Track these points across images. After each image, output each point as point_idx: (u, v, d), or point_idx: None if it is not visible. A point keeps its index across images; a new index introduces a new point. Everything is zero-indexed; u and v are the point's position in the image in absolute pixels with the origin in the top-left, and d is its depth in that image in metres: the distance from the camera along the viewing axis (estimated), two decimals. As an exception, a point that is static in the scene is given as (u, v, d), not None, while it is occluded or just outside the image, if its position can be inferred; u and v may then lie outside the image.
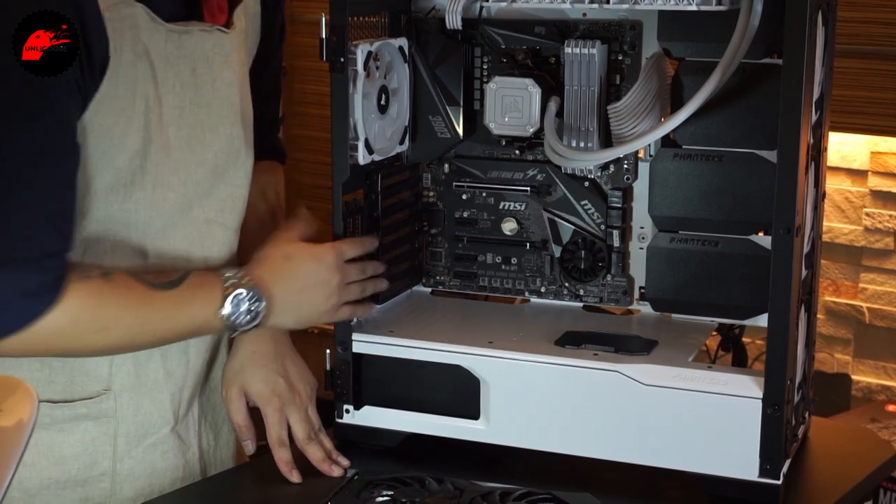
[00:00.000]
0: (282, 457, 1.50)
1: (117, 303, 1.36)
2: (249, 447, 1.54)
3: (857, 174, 2.92)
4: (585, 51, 1.53)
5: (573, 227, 1.62)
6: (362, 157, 1.53)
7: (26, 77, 1.26)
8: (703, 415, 1.42)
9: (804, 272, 1.48)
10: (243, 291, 1.41)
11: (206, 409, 1.60)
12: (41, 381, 1.45)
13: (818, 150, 1.52)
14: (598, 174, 1.61)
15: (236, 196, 1.51)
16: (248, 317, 1.41)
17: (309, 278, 1.47)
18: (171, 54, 1.39)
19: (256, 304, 1.42)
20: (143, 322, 1.38)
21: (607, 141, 1.55)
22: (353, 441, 1.57)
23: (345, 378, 1.56)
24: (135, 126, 1.37)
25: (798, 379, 1.48)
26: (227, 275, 1.42)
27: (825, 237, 2.82)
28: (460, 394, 1.53)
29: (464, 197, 1.67)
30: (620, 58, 1.57)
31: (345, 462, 1.52)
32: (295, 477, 1.48)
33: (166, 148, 1.41)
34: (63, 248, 1.32)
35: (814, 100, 1.44)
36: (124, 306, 1.36)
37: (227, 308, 1.40)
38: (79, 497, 1.48)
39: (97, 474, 1.49)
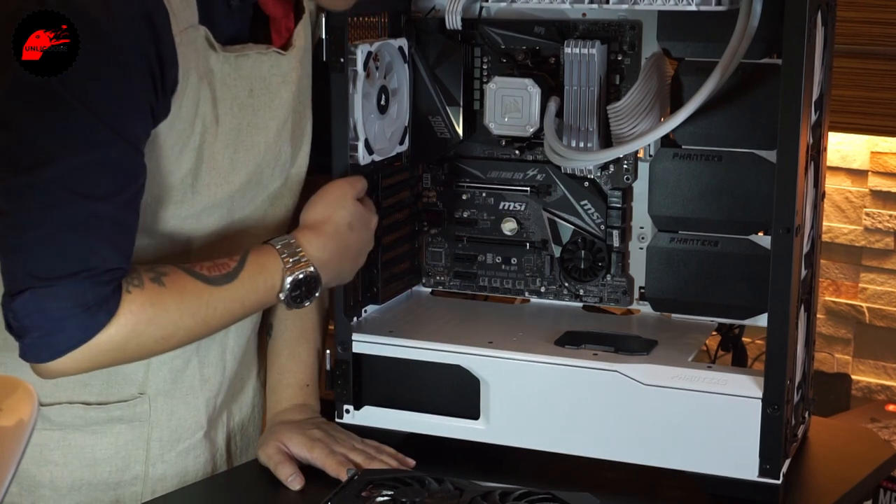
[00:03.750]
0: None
1: (174, 307, 1.32)
2: (296, 484, 1.48)
3: (857, 174, 2.92)
4: (585, 51, 1.53)
5: (573, 227, 1.62)
6: (362, 158, 1.53)
7: (102, 98, 1.25)
8: (702, 415, 1.42)
9: (804, 272, 1.48)
10: (302, 274, 1.40)
11: (233, 410, 1.60)
12: (77, 383, 1.44)
13: (818, 150, 1.52)
14: (598, 174, 1.61)
15: (279, 205, 1.51)
16: (306, 297, 1.41)
17: (361, 246, 1.48)
18: (228, 76, 1.39)
19: (315, 284, 1.41)
20: (202, 321, 1.35)
21: (607, 141, 1.55)
22: (353, 441, 1.57)
23: (345, 378, 1.57)
24: (190, 146, 1.37)
25: (798, 379, 1.48)
26: (284, 255, 1.39)
27: (825, 237, 2.83)
28: (460, 394, 1.53)
29: (464, 197, 1.68)
30: (620, 58, 1.57)
31: (412, 463, 1.51)
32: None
33: (218, 169, 1.40)
34: (122, 266, 1.30)
35: (813, 99, 1.44)
36: (181, 310, 1.33)
37: (287, 291, 1.39)
38: (110, 499, 1.48)
39: (129, 478, 1.49)
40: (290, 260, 1.40)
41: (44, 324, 1.26)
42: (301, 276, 1.40)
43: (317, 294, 1.42)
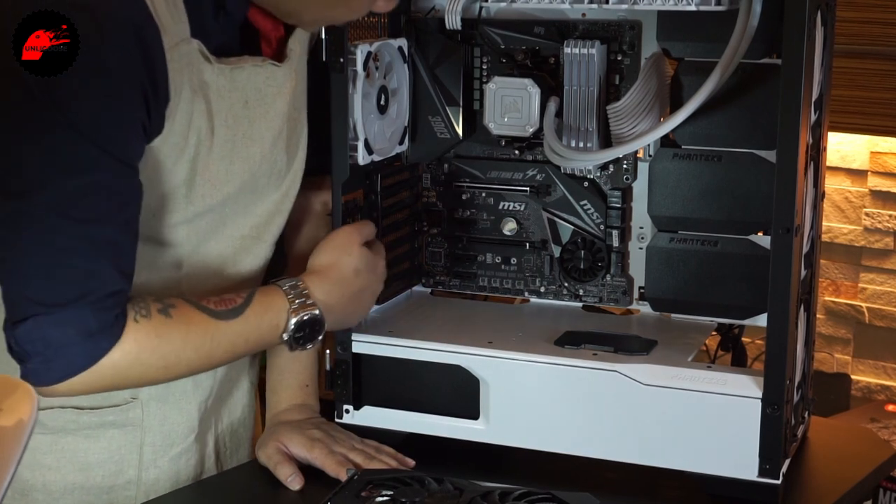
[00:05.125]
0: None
1: (178, 339, 1.34)
2: (296, 484, 1.48)
3: (857, 174, 2.92)
4: (585, 51, 1.53)
5: (573, 227, 1.62)
6: (362, 158, 1.53)
7: (93, 120, 1.25)
8: (702, 415, 1.42)
9: (803, 272, 1.48)
10: (307, 316, 1.41)
11: (222, 414, 1.59)
12: None
13: (817, 150, 1.52)
14: (598, 174, 1.61)
15: (273, 212, 1.51)
16: (309, 340, 1.43)
17: (367, 291, 1.50)
18: (223, 88, 1.38)
19: (319, 327, 1.43)
20: (206, 355, 1.37)
21: (607, 141, 1.55)
22: (353, 441, 1.57)
23: (345, 378, 1.56)
24: (185, 158, 1.37)
25: (797, 379, 1.48)
26: (290, 296, 1.41)
27: (825, 237, 2.83)
28: (460, 394, 1.53)
29: (463, 197, 1.67)
30: (620, 58, 1.57)
31: (412, 463, 1.51)
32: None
33: (213, 180, 1.40)
34: (124, 289, 1.30)
35: (813, 99, 1.44)
36: (185, 342, 1.34)
37: (290, 331, 1.41)
38: (103, 503, 1.48)
39: (122, 482, 1.49)
40: (297, 301, 1.41)
41: (46, 351, 1.27)
42: (306, 317, 1.41)
43: (320, 337, 1.44)
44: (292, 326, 1.41)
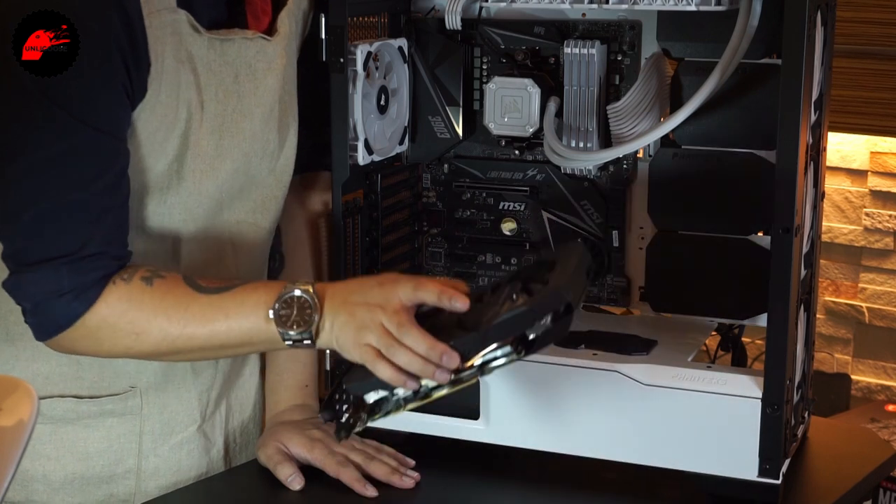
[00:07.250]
0: (350, 476, 1.46)
1: (150, 306, 1.32)
2: (296, 484, 1.47)
3: (857, 174, 2.92)
4: (585, 51, 1.53)
5: (573, 227, 1.62)
6: (362, 158, 1.53)
7: (68, 88, 1.27)
8: (702, 414, 1.42)
9: (803, 272, 1.48)
10: (297, 292, 1.31)
11: (233, 407, 1.60)
12: (69, 377, 1.45)
13: (817, 150, 1.52)
14: (598, 174, 1.61)
15: (268, 197, 1.51)
16: (300, 325, 1.31)
17: (366, 292, 1.33)
18: (213, 62, 1.39)
19: (310, 311, 1.31)
20: (179, 324, 1.33)
21: (607, 141, 1.55)
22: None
23: (345, 378, 1.56)
24: (176, 132, 1.37)
25: (797, 379, 1.48)
26: (289, 284, 1.33)
27: (825, 237, 2.83)
28: (460, 394, 1.52)
29: (463, 197, 1.67)
30: (620, 58, 1.57)
31: (414, 473, 1.48)
32: (370, 491, 1.44)
33: (203, 155, 1.41)
34: (105, 251, 1.32)
35: (813, 99, 1.44)
36: (156, 310, 1.32)
37: (278, 307, 1.31)
38: (103, 493, 1.49)
39: (122, 471, 1.49)
40: (291, 284, 1.33)
41: (30, 306, 1.32)
42: (296, 293, 1.31)
43: (314, 324, 1.31)
44: (281, 298, 1.31)
